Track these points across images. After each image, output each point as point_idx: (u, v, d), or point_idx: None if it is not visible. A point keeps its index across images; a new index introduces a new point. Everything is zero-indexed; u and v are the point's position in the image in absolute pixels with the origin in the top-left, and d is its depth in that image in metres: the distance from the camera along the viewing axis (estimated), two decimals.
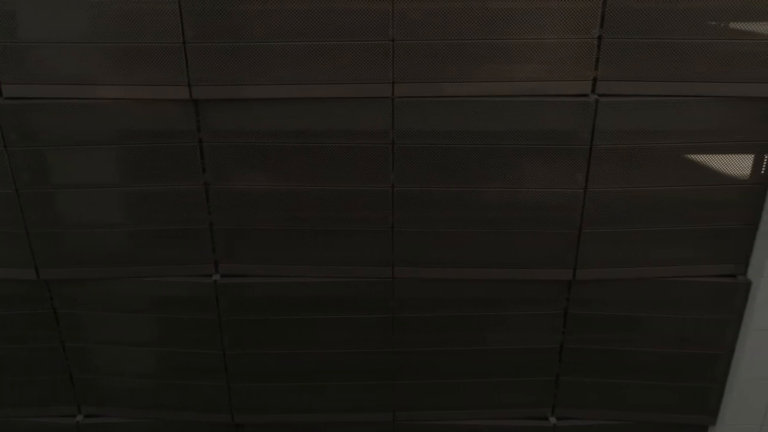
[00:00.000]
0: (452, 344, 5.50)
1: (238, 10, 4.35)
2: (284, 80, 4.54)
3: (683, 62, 4.46)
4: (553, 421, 5.75)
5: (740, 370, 5.35)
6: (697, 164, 4.84)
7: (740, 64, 4.45)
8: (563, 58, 4.47)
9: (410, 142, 4.74)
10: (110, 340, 5.57)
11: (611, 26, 4.36)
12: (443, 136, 4.73)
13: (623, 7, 4.30)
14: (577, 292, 5.25)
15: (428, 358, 5.55)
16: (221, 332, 5.39)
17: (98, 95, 4.60)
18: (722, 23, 4.37)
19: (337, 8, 4.32)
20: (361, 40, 4.41)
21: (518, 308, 5.36)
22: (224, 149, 4.82)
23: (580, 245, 5.02)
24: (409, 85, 4.53)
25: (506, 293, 5.29)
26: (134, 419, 5.87)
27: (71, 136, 4.72)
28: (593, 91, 4.57)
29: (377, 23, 4.34)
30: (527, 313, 5.38)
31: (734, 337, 5.34)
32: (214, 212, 5.02)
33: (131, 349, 5.60)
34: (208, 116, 4.72)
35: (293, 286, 5.26)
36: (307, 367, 5.59)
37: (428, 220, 5.00)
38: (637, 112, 4.62)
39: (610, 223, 4.95)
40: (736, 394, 5.45)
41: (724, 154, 4.85)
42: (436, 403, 5.75)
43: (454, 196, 4.91)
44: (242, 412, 5.78)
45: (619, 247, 5.05)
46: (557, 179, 4.83)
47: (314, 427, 5.85)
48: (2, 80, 4.54)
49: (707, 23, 4.35)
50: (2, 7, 4.31)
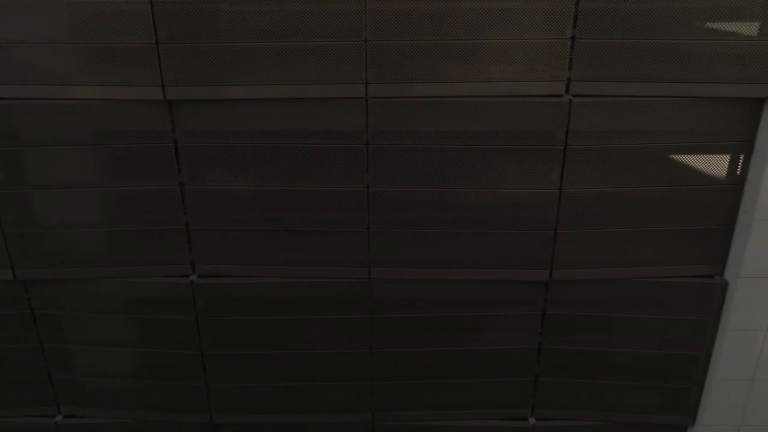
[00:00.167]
0: (430, 345, 5.49)
1: (211, 11, 4.35)
2: (258, 81, 4.54)
3: (658, 63, 4.45)
4: (532, 421, 5.74)
5: (718, 370, 5.35)
6: (672, 165, 4.83)
7: (715, 64, 4.44)
8: (537, 58, 4.47)
9: (385, 142, 4.74)
10: (89, 340, 5.57)
11: (584, 27, 4.36)
12: (418, 136, 4.72)
13: (595, 8, 4.30)
14: (554, 292, 5.25)
15: (406, 358, 5.54)
16: (199, 333, 5.39)
17: (73, 96, 4.61)
18: (697, 24, 4.36)
19: (309, 9, 4.32)
20: (333, 40, 4.41)
21: (496, 309, 5.36)
22: (199, 150, 4.83)
23: (556, 246, 5.01)
24: (382, 85, 4.53)
25: (483, 294, 5.28)
26: (114, 419, 5.87)
27: (46, 136, 4.72)
28: (567, 91, 4.57)
29: (350, 24, 4.34)
30: (505, 313, 5.38)
31: (712, 337, 5.33)
32: (190, 213, 5.02)
33: (110, 349, 5.60)
34: (183, 117, 4.72)
35: (270, 286, 5.26)
36: (285, 367, 5.59)
37: (404, 220, 5.00)
38: (611, 112, 4.61)
39: (585, 223, 4.95)
40: (714, 394, 5.45)
41: (699, 154, 4.84)
42: (414, 403, 5.74)
43: (429, 196, 4.91)
44: (221, 412, 5.77)
45: (595, 247, 5.05)
46: (532, 180, 4.83)
47: (293, 427, 5.84)
48: None
49: (681, 24, 4.34)
50: None
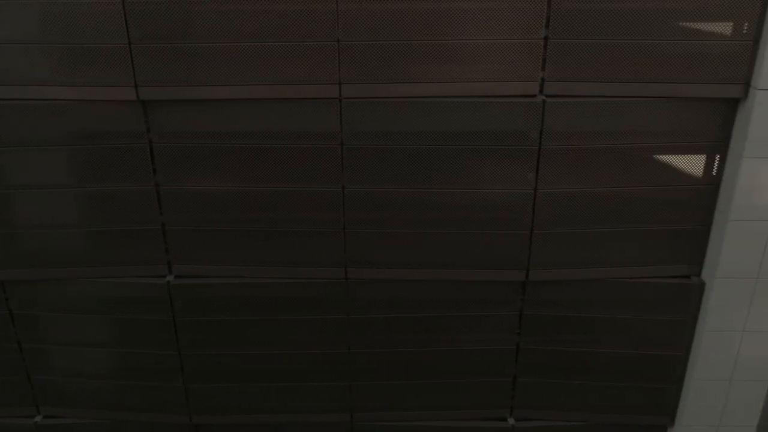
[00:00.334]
0: (408, 345, 5.49)
1: (184, 11, 4.34)
2: (232, 82, 4.54)
3: (632, 63, 4.45)
4: (511, 422, 5.74)
5: (695, 371, 5.35)
6: (648, 165, 4.82)
7: (689, 65, 4.44)
8: (510, 58, 4.47)
9: (360, 143, 4.73)
10: (67, 341, 5.56)
11: (557, 27, 4.35)
12: (393, 137, 4.72)
13: (568, 8, 4.30)
14: (531, 293, 5.25)
15: (384, 359, 5.54)
16: (176, 333, 5.39)
17: (46, 96, 4.60)
18: (671, 24, 4.35)
19: (281, 9, 4.32)
20: (306, 41, 4.40)
21: (474, 309, 5.35)
22: (175, 150, 4.82)
23: (532, 246, 5.01)
24: (356, 86, 4.53)
25: (461, 294, 5.28)
26: (93, 420, 5.87)
27: (20, 137, 4.72)
28: (541, 91, 4.57)
29: (322, 24, 4.34)
30: (483, 314, 5.37)
31: (690, 338, 5.33)
32: (166, 213, 5.02)
33: (88, 350, 5.60)
34: (157, 117, 4.72)
35: (248, 287, 5.25)
36: (264, 368, 5.58)
37: (380, 221, 5.00)
38: (586, 113, 4.61)
39: (562, 224, 4.95)
40: (692, 395, 5.44)
41: (675, 154, 4.84)
42: (394, 404, 5.74)
43: (405, 197, 4.91)
44: (200, 412, 5.77)
45: (572, 248, 5.05)
46: (508, 180, 4.83)
47: (272, 427, 5.84)
48: None
49: (655, 24, 4.34)
50: None
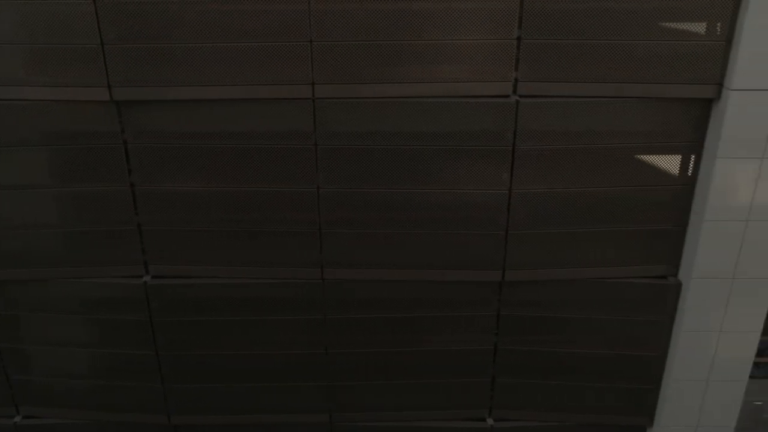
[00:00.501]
0: (387, 346, 5.48)
1: (157, 12, 4.33)
2: (206, 82, 4.53)
3: (605, 63, 4.45)
4: (490, 422, 5.74)
5: (673, 371, 5.34)
6: (624, 166, 4.81)
7: (664, 65, 4.43)
8: (484, 59, 4.46)
9: (334, 143, 4.73)
10: (46, 341, 5.57)
11: (529, 27, 4.35)
12: (367, 137, 4.71)
13: (540, 8, 4.29)
14: (508, 293, 5.24)
15: (363, 359, 5.54)
16: (154, 333, 5.38)
17: (20, 96, 4.60)
18: (645, 25, 4.34)
19: (254, 10, 4.32)
20: (280, 41, 4.40)
21: (451, 309, 5.35)
22: (150, 150, 4.82)
23: (508, 246, 5.01)
24: (329, 86, 4.53)
25: (438, 294, 5.27)
26: (73, 420, 5.87)
27: None
28: (515, 92, 4.56)
29: (295, 24, 4.33)
30: (460, 314, 5.37)
31: (667, 338, 5.32)
32: (142, 213, 5.02)
33: (67, 350, 5.59)
34: (132, 118, 4.72)
35: (225, 287, 5.25)
36: (243, 368, 5.58)
37: (356, 221, 5.00)
38: (559, 113, 4.61)
39: (537, 224, 4.94)
40: (670, 395, 5.43)
41: (650, 155, 4.84)
42: (373, 404, 5.74)
43: (381, 197, 4.90)
44: (179, 413, 5.77)
45: (548, 248, 5.04)
46: (484, 180, 4.82)
47: (251, 428, 5.84)
48: None
49: (629, 25, 4.33)
50: None
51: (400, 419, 5.80)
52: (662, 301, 5.19)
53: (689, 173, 4.86)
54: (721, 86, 4.44)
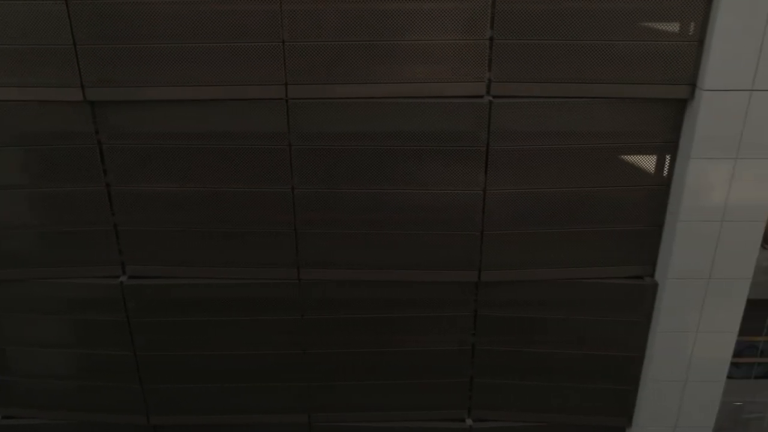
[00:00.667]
0: (365, 346, 5.48)
1: (130, 13, 4.33)
2: (179, 83, 4.53)
3: (579, 64, 4.44)
4: (469, 422, 5.74)
5: (651, 372, 5.33)
6: (599, 166, 4.80)
7: (637, 66, 4.43)
8: (457, 59, 4.46)
9: (308, 144, 4.73)
10: (25, 341, 5.57)
11: (501, 28, 4.34)
12: (341, 138, 4.71)
13: (512, 9, 4.28)
14: (485, 293, 5.24)
15: (341, 360, 5.54)
16: (131, 333, 5.38)
17: None
18: (618, 25, 4.34)
19: (227, 10, 4.31)
20: (252, 42, 4.40)
21: (428, 310, 5.35)
22: (125, 151, 4.82)
23: (484, 246, 5.01)
24: (302, 86, 4.53)
25: (415, 295, 5.27)
26: (53, 420, 5.87)
27: None
28: (488, 92, 4.56)
29: (267, 25, 4.33)
30: (438, 314, 5.36)
31: (644, 339, 5.32)
32: (118, 214, 5.02)
33: (46, 350, 5.60)
34: (106, 118, 4.72)
35: (201, 287, 5.25)
36: (221, 368, 5.58)
37: (332, 222, 5.00)
38: (533, 113, 4.60)
39: (512, 224, 4.94)
40: (648, 396, 5.43)
41: (625, 155, 4.84)
42: (352, 404, 5.74)
43: (356, 198, 4.90)
44: (158, 413, 5.77)
45: (523, 248, 5.04)
46: (458, 181, 4.82)
47: (230, 428, 5.84)
48: None
49: (602, 25, 4.32)
50: None
51: (378, 419, 5.80)
52: (639, 301, 5.19)
53: (665, 174, 4.86)
54: (694, 87, 4.44)
